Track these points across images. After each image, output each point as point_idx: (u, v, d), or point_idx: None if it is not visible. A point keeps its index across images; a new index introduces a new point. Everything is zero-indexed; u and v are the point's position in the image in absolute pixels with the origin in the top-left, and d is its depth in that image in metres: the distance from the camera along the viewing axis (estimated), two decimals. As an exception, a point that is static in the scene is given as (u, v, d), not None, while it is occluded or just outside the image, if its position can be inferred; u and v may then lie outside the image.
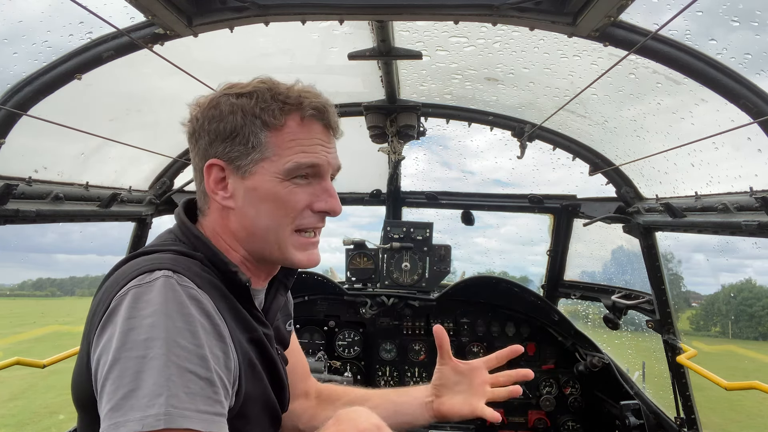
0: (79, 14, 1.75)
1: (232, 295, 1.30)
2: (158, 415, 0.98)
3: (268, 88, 1.34)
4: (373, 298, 3.90)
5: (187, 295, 1.13)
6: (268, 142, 1.32)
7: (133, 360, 1.03)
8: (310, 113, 1.34)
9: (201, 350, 1.08)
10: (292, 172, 1.32)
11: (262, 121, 1.31)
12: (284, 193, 1.33)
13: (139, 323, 1.06)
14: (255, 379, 1.31)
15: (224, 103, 1.33)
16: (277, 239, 1.35)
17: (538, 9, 1.76)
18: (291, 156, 1.32)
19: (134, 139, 2.77)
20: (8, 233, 2.20)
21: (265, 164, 1.32)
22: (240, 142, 1.32)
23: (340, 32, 2.35)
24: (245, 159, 1.32)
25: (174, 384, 1.01)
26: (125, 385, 1.01)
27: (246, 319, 1.32)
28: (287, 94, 1.34)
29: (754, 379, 2.51)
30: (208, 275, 1.26)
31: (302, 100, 1.34)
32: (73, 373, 1.25)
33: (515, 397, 1.77)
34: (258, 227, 1.35)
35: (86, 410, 1.20)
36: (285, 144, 1.32)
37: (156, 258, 1.23)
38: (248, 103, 1.32)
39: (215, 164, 1.34)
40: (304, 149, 1.33)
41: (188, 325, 1.09)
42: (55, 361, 2.63)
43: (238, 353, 1.23)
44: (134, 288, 1.12)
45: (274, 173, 1.32)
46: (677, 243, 3.24)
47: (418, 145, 4.00)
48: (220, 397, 1.09)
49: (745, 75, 1.86)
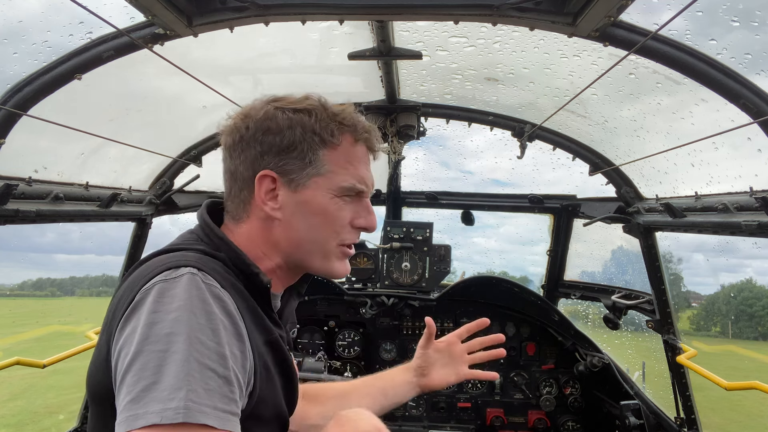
0: (79, 14, 1.75)
1: (251, 296, 1.32)
2: (178, 409, 0.99)
3: (323, 105, 1.41)
4: (373, 298, 3.91)
5: (211, 294, 1.15)
6: (324, 158, 1.38)
7: (155, 353, 1.04)
8: (364, 136, 1.44)
9: (221, 348, 1.09)
10: (345, 190, 1.40)
11: (321, 138, 1.37)
12: (334, 208, 1.40)
13: (163, 317, 1.08)
14: (269, 381, 1.32)
15: (281, 117, 1.37)
16: (323, 251, 1.43)
17: (538, 9, 1.76)
18: (346, 176, 1.40)
19: (134, 139, 2.77)
20: (8, 233, 2.21)
21: (319, 180, 1.38)
22: (297, 157, 1.37)
23: (340, 32, 2.35)
24: (300, 173, 1.37)
25: (194, 379, 1.02)
26: (146, 378, 1.02)
27: (264, 321, 1.34)
28: (342, 114, 1.41)
29: (754, 379, 2.51)
30: (230, 276, 1.28)
31: (356, 122, 1.42)
32: (90, 366, 1.26)
33: (499, 357, 2.07)
34: (304, 239, 1.41)
35: (102, 403, 1.20)
36: (340, 163, 1.40)
37: (182, 255, 1.25)
38: (308, 119, 1.37)
39: (268, 175, 1.37)
40: (357, 170, 1.42)
41: (210, 323, 1.10)
42: (55, 361, 2.63)
43: (254, 354, 1.24)
44: (160, 282, 1.14)
45: (327, 189, 1.39)
46: (677, 243, 3.24)
47: (418, 145, 4.01)
48: (236, 396, 1.10)
49: (745, 75, 1.86)
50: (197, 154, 3.31)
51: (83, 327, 2.94)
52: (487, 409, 3.97)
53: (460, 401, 4.00)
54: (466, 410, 3.98)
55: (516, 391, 3.99)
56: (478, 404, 4.00)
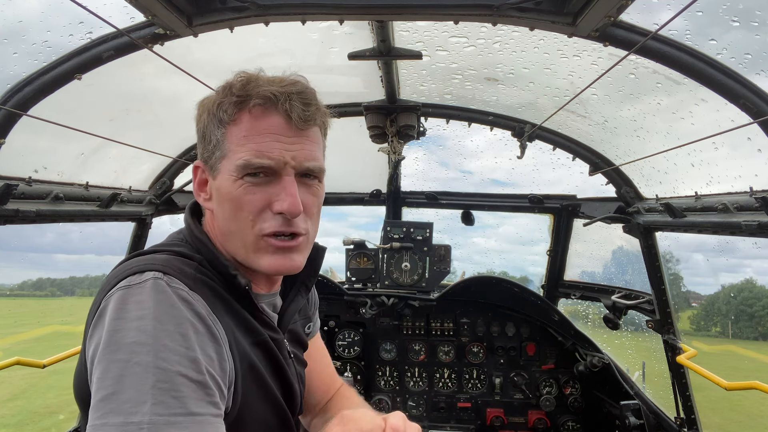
0: (79, 14, 1.75)
1: (233, 298, 1.28)
2: (141, 424, 0.94)
3: (233, 82, 1.27)
4: (373, 298, 3.90)
5: (178, 297, 1.11)
6: (223, 138, 1.26)
7: (116, 362, 1.00)
8: (256, 103, 1.23)
9: (192, 352, 1.06)
10: (242, 169, 1.23)
11: (218, 119, 1.27)
12: (239, 192, 1.24)
13: (126, 325, 1.04)
14: (257, 383, 1.29)
15: (198, 105, 1.35)
16: (243, 242, 1.28)
17: (538, 9, 1.76)
18: (241, 152, 1.23)
19: (134, 139, 2.77)
20: (8, 233, 2.20)
21: (225, 162, 1.26)
22: (208, 142, 1.30)
23: (340, 32, 2.35)
24: (212, 159, 1.29)
25: (160, 390, 0.98)
26: (105, 387, 0.98)
27: (248, 323, 1.30)
28: (245, 86, 1.25)
29: (754, 379, 2.51)
30: (206, 277, 1.24)
31: (251, 90, 1.24)
32: (75, 371, 1.25)
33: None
34: (226, 229, 1.30)
35: (85, 409, 1.19)
36: (237, 140, 1.24)
37: (148, 259, 1.21)
38: (209, 102, 1.30)
39: (198, 166, 1.36)
40: (257, 144, 1.23)
41: (178, 327, 1.07)
42: (55, 361, 2.63)
43: (235, 356, 1.21)
44: (122, 289, 1.11)
45: (229, 171, 1.25)
46: (677, 243, 3.24)
47: (418, 145, 4.00)
48: (215, 399, 1.07)
49: (745, 75, 1.86)
50: (197, 154, 3.31)
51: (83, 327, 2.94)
52: (487, 409, 3.98)
53: (460, 401, 4.00)
54: (466, 410, 3.99)
55: (516, 391, 3.99)
56: (478, 404, 4.00)
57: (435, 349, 4.08)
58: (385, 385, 4.10)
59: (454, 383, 4.06)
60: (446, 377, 4.06)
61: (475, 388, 4.03)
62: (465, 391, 4.03)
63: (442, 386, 4.07)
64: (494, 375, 4.00)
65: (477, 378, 4.04)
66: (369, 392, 4.09)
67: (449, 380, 4.06)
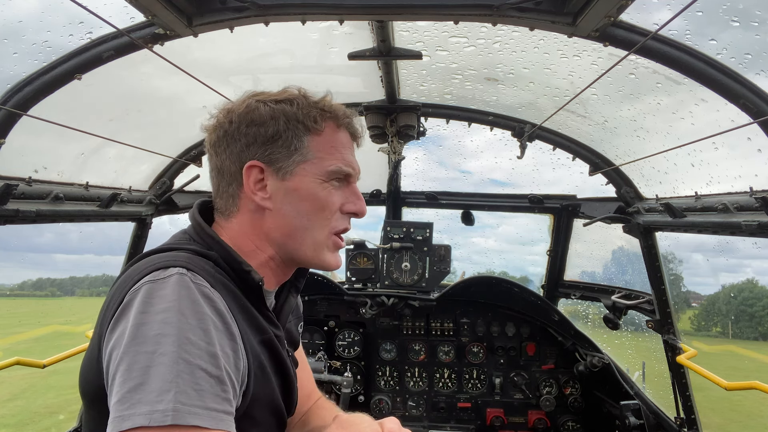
0: (79, 14, 1.75)
1: (243, 296, 1.32)
2: (166, 411, 0.98)
3: (304, 95, 1.43)
4: (373, 298, 3.91)
5: (201, 293, 1.14)
6: (309, 145, 1.39)
7: (143, 354, 1.03)
8: (346, 122, 1.45)
9: (212, 348, 1.09)
10: (333, 174, 1.40)
11: (304, 126, 1.38)
12: (324, 194, 1.40)
13: (152, 318, 1.07)
14: (264, 381, 1.31)
15: (263, 109, 1.38)
16: (314, 240, 1.41)
17: (538, 9, 1.76)
18: (333, 160, 1.40)
19: (134, 139, 2.77)
20: (8, 233, 2.21)
21: (307, 166, 1.39)
22: (282, 145, 1.37)
23: (340, 32, 2.35)
24: (287, 161, 1.38)
25: (183, 381, 1.01)
26: (133, 379, 1.01)
27: (257, 320, 1.33)
28: (323, 102, 1.44)
29: (754, 379, 2.51)
30: (220, 275, 1.27)
31: (337, 109, 1.44)
32: (82, 366, 1.26)
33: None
34: (296, 227, 1.40)
35: (93, 405, 1.21)
36: (325, 148, 1.40)
37: (171, 255, 1.24)
38: (290, 108, 1.39)
39: (256, 165, 1.37)
40: (343, 154, 1.43)
41: (200, 323, 1.10)
42: (55, 361, 2.63)
43: (248, 354, 1.23)
44: (148, 283, 1.13)
45: (315, 174, 1.39)
46: (677, 243, 3.24)
47: (418, 145, 4.01)
48: (229, 396, 1.10)
49: (745, 75, 1.86)
50: (197, 154, 3.31)
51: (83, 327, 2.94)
52: (487, 409, 3.98)
53: (460, 401, 4.00)
54: (466, 410, 3.99)
55: (516, 391, 3.99)
56: (478, 404, 4.00)
57: (435, 349, 4.08)
58: (385, 385, 4.10)
59: (454, 383, 4.06)
60: (446, 377, 4.06)
61: (475, 388, 4.03)
62: (465, 391, 4.03)
63: (442, 386, 4.07)
64: (494, 375, 4.00)
65: (477, 378, 4.04)
66: (369, 392, 4.09)
67: (449, 380, 4.06)
